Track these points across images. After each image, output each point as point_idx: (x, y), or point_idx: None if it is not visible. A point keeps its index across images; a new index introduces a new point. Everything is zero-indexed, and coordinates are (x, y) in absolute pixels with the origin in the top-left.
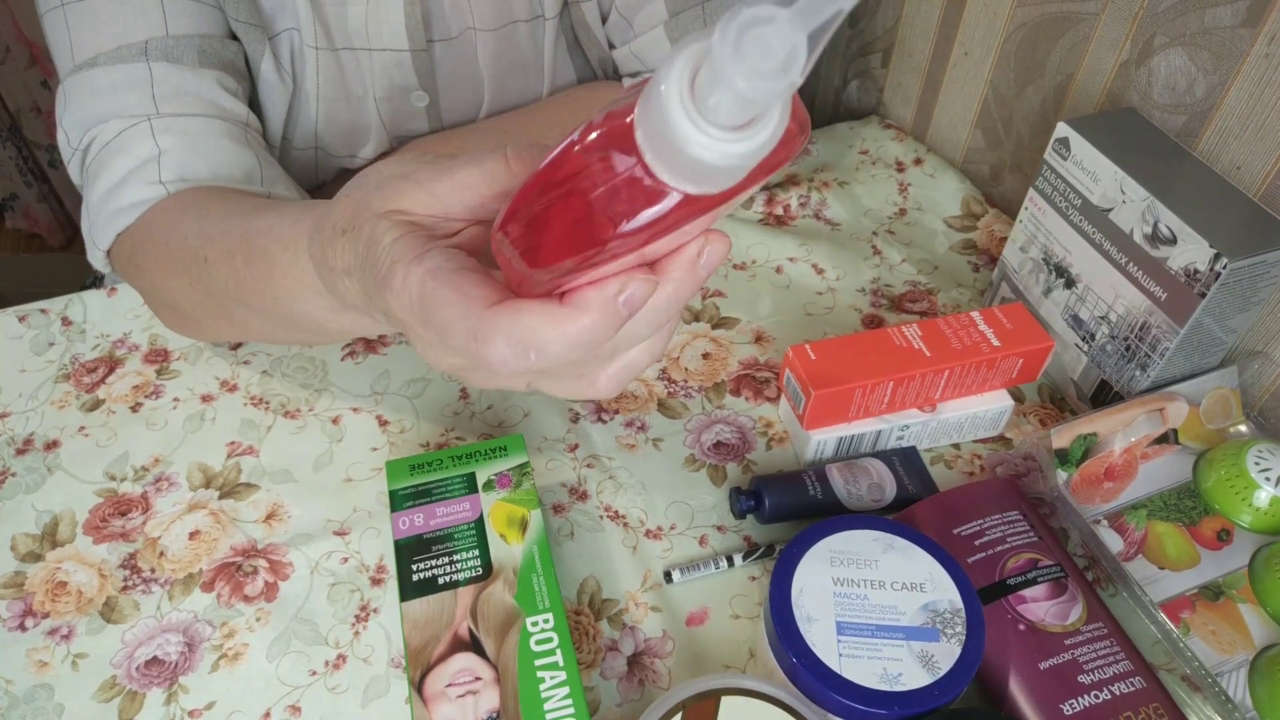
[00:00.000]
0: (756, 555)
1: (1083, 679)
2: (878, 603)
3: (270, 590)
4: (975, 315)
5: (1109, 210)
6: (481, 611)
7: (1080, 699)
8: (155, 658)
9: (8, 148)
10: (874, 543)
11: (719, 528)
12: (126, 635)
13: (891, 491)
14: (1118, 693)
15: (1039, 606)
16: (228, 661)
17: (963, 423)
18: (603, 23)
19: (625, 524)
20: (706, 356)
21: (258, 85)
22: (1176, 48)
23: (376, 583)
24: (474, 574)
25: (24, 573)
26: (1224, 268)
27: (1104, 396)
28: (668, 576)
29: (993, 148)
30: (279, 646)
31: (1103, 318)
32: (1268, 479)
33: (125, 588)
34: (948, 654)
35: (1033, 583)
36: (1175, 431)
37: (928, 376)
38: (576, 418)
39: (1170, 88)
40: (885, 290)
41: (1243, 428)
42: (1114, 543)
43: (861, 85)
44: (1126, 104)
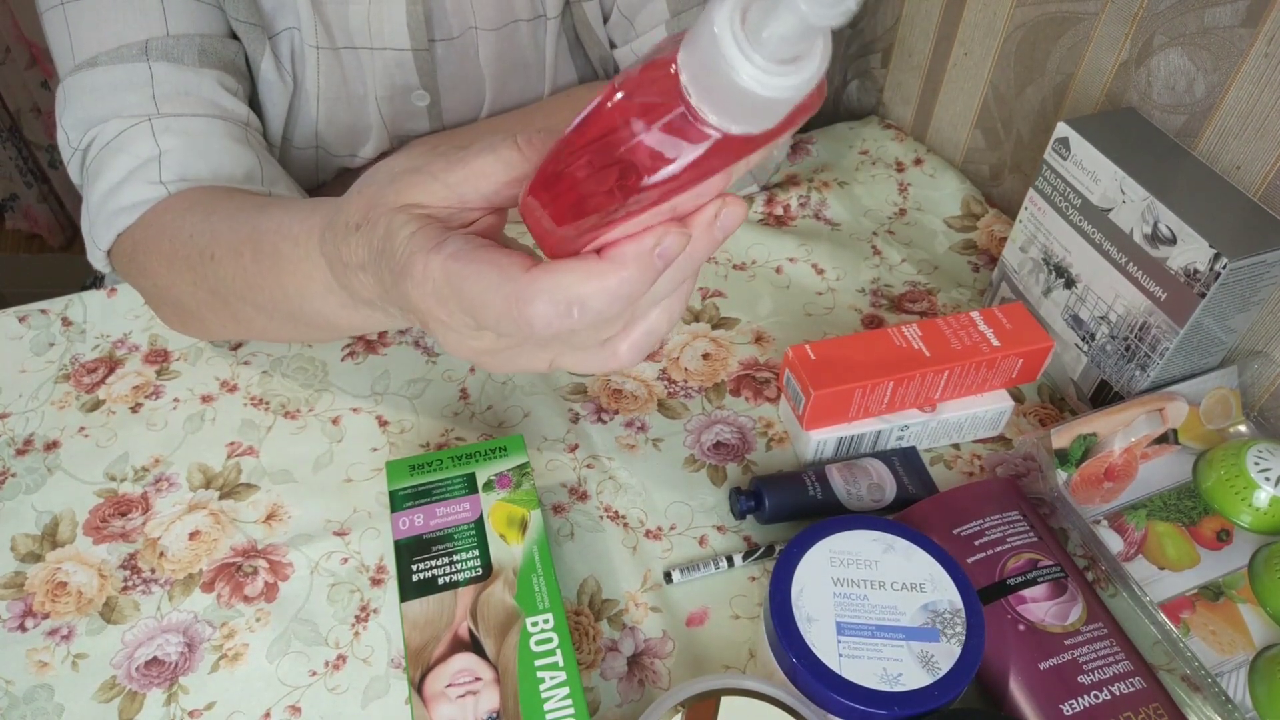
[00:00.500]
0: (756, 555)
1: (1083, 679)
2: (878, 603)
3: (270, 591)
4: (975, 315)
5: (1109, 210)
6: (481, 612)
7: (1080, 699)
8: (155, 658)
9: (8, 148)
10: (874, 543)
11: (719, 528)
12: (126, 635)
13: (891, 492)
14: (1118, 693)
15: (1039, 607)
16: (228, 662)
17: (962, 423)
18: (604, 22)
19: (625, 524)
20: (706, 357)
21: (258, 85)
22: (1176, 47)
23: (376, 583)
24: (474, 574)
25: (24, 573)
26: (1224, 268)
27: (1104, 396)
28: (668, 577)
29: (993, 148)
30: (279, 647)
31: (1102, 318)
32: (1267, 479)
33: (125, 588)
34: (948, 654)
35: (1033, 583)
36: (1175, 431)
37: (928, 376)
38: (576, 418)
39: (1170, 88)
40: (885, 290)
41: (1242, 428)
42: (1114, 543)
43: (861, 85)
44: (1126, 104)
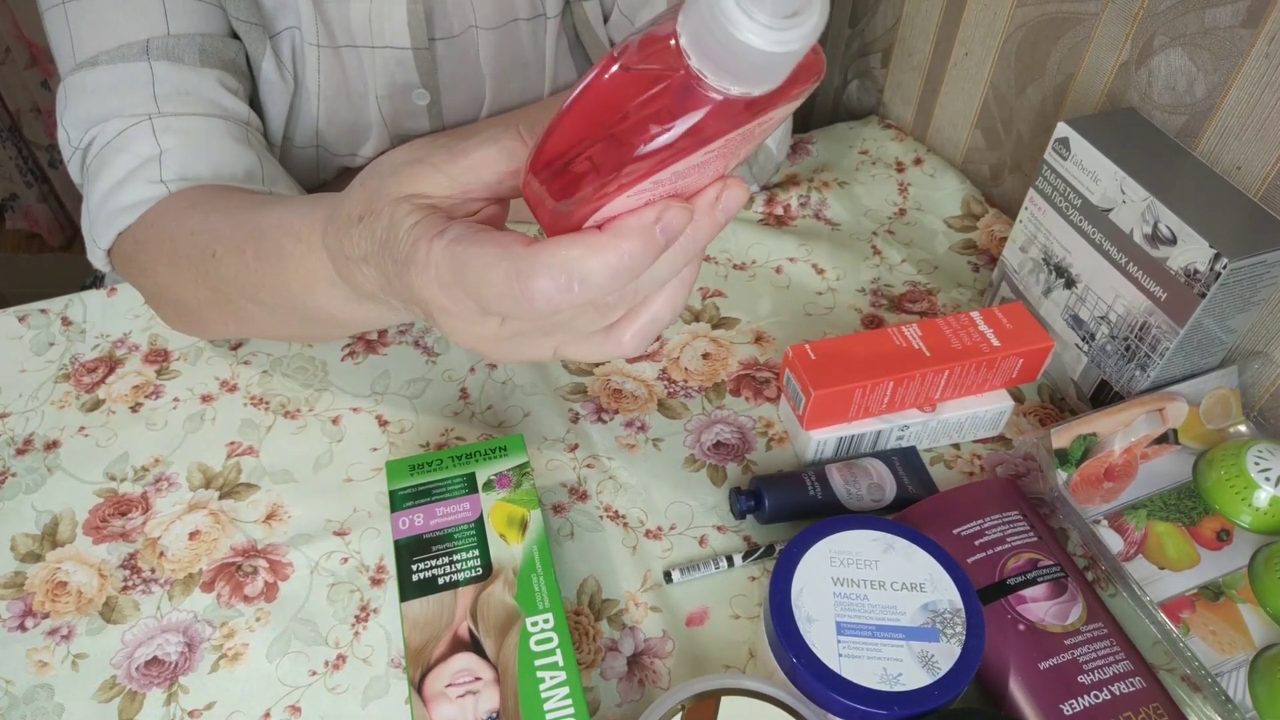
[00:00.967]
0: (756, 555)
1: (1083, 679)
2: (878, 603)
3: (270, 590)
4: (975, 315)
5: (1109, 210)
6: (481, 611)
7: (1080, 699)
8: (155, 658)
9: (8, 148)
10: (874, 543)
11: (719, 528)
12: (126, 635)
13: (891, 491)
14: (1118, 693)
15: (1039, 606)
16: (228, 662)
17: (962, 423)
18: (604, 21)
19: (625, 524)
20: (706, 357)
21: (259, 84)
22: (1176, 48)
23: (376, 583)
24: (474, 574)
25: (24, 573)
26: (1224, 268)
27: (1104, 396)
28: (668, 576)
29: (993, 148)
30: (279, 647)
31: (1103, 318)
32: (1267, 479)
33: (125, 588)
34: (948, 654)
35: (1033, 583)
36: (1175, 431)
37: (928, 376)
38: (576, 418)
39: (1170, 88)
40: (885, 290)
41: (1242, 428)
42: (1114, 543)
43: (861, 85)
44: (1126, 104)
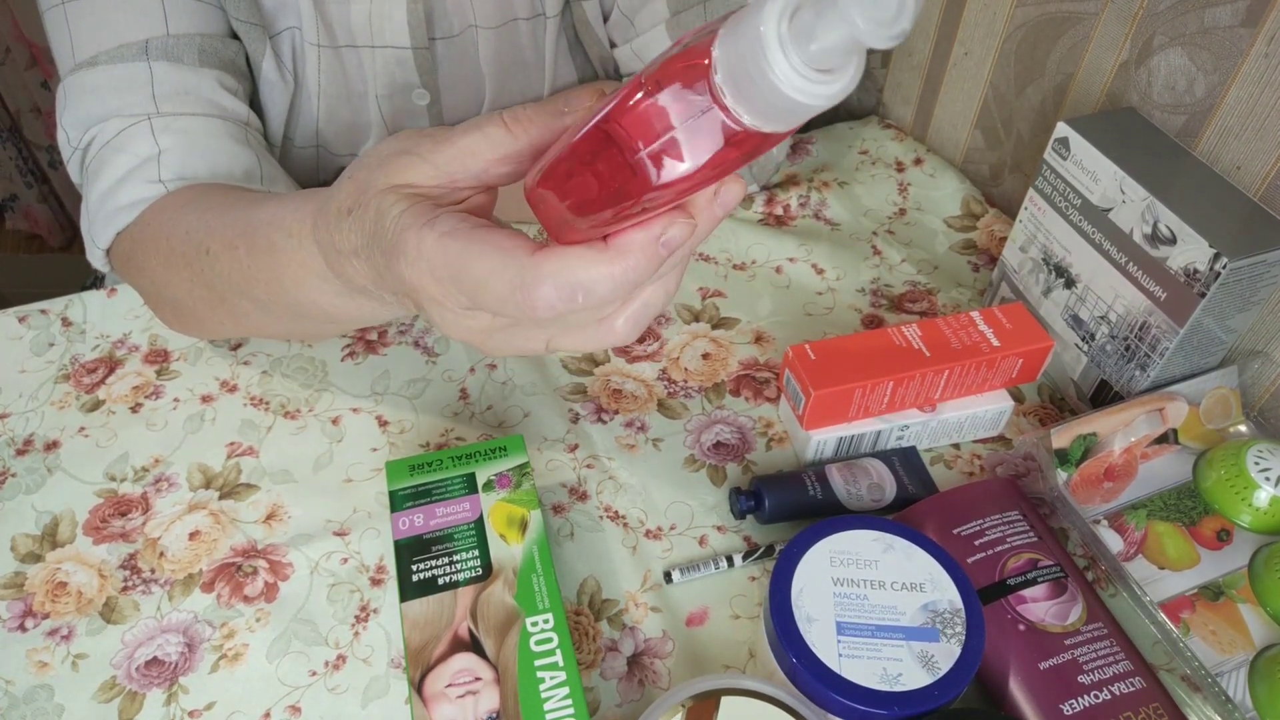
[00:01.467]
0: (756, 555)
1: (1083, 679)
2: (878, 603)
3: (270, 591)
4: (975, 315)
5: (1109, 210)
6: (481, 612)
7: (1080, 699)
8: (155, 658)
9: (8, 148)
10: (874, 543)
11: (719, 528)
12: (126, 636)
13: (891, 491)
14: (1118, 693)
15: (1039, 606)
16: (228, 662)
17: (962, 423)
18: (604, 21)
19: (625, 524)
20: (706, 357)
21: (259, 84)
22: (1176, 47)
23: (376, 583)
24: (474, 574)
25: (24, 573)
26: (1224, 267)
27: (1104, 396)
28: (668, 577)
29: (993, 148)
30: (279, 647)
31: (1102, 318)
32: (1267, 479)
33: (125, 588)
34: (948, 654)
35: (1033, 583)
36: (1175, 431)
37: (927, 376)
38: (576, 418)
39: (1170, 87)
40: (885, 290)
41: (1242, 428)
42: (1114, 543)
43: (861, 85)
44: (1126, 104)
